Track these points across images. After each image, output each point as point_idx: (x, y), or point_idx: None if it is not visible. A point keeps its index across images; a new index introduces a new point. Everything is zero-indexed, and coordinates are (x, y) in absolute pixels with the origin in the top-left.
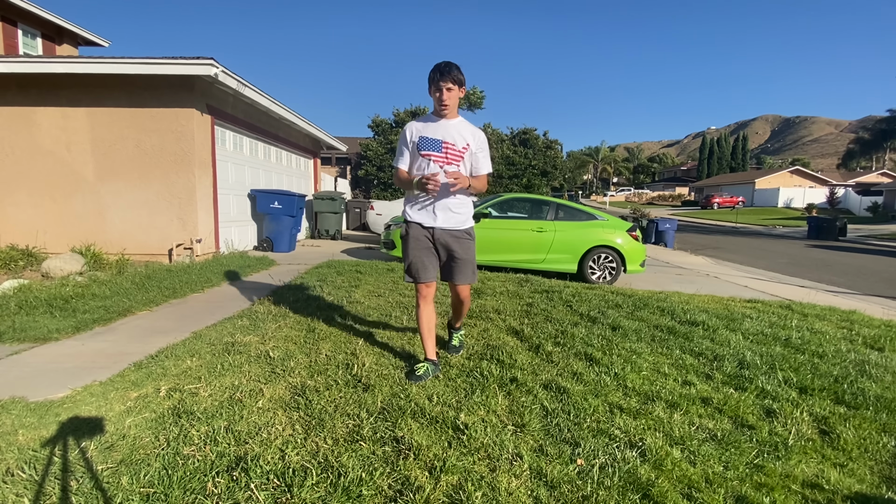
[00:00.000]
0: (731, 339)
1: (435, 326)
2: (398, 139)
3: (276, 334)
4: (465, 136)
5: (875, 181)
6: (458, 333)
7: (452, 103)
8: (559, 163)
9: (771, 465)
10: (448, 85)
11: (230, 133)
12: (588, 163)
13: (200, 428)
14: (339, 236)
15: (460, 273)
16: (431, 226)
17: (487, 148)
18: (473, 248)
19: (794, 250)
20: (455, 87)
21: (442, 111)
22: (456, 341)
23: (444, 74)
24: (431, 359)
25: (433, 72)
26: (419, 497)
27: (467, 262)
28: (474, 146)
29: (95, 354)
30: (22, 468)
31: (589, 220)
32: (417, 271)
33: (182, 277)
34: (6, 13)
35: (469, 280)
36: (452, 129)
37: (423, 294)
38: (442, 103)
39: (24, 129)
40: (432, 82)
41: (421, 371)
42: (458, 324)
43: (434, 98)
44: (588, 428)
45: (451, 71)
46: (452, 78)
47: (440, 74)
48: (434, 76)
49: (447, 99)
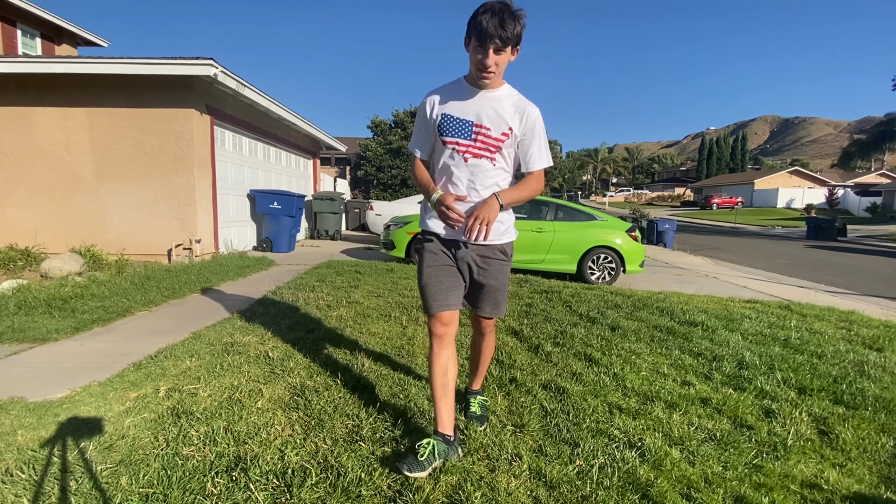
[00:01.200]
0: (731, 339)
1: (455, 382)
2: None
3: (276, 334)
4: (506, 117)
5: (874, 181)
6: (479, 398)
7: (499, 71)
8: (558, 163)
9: (770, 465)
10: (498, 44)
11: (229, 133)
12: (587, 163)
13: (200, 428)
14: (339, 237)
15: (485, 301)
16: (452, 238)
17: (543, 131)
18: (507, 271)
19: (793, 251)
20: (508, 48)
21: (482, 80)
22: (477, 407)
23: (500, 26)
24: (444, 433)
25: (480, 16)
26: (419, 497)
27: (496, 290)
28: (520, 129)
29: (94, 355)
30: (21, 468)
31: (588, 221)
32: (432, 296)
33: (181, 278)
34: (5, 13)
35: (495, 312)
36: (492, 105)
37: (439, 332)
38: (486, 70)
39: (23, 130)
40: (476, 34)
41: (424, 453)
42: (478, 383)
43: (473, 58)
44: (587, 428)
45: (508, 23)
46: (509, 33)
47: (491, 25)
48: (480, 24)
49: (493, 65)
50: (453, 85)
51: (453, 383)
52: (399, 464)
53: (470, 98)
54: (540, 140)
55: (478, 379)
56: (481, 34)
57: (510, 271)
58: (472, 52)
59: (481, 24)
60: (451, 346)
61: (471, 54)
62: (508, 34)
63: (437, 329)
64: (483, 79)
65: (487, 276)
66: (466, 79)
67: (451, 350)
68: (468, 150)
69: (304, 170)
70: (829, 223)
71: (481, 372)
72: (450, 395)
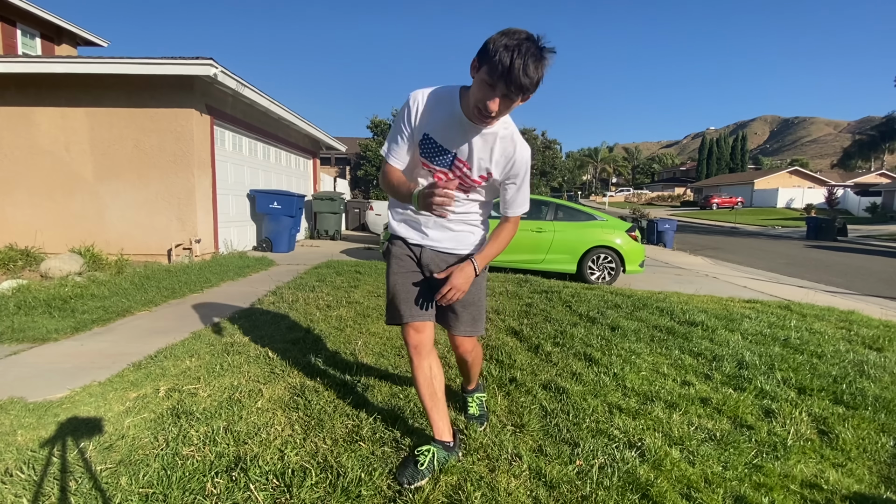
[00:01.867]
0: (730, 339)
1: (444, 387)
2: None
3: (276, 334)
4: (491, 160)
5: (874, 181)
6: (475, 396)
7: (501, 117)
8: (558, 163)
9: (770, 465)
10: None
11: (229, 133)
12: (587, 163)
13: (199, 428)
14: (339, 236)
15: (458, 319)
16: (418, 243)
17: (527, 177)
18: (483, 285)
19: (792, 251)
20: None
21: (479, 122)
22: (475, 408)
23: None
24: (442, 440)
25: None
26: (419, 497)
27: (472, 304)
28: (502, 175)
29: (94, 355)
30: (21, 468)
31: (588, 221)
32: (398, 306)
33: (181, 278)
34: (5, 13)
35: (472, 330)
36: (482, 143)
37: (414, 341)
38: (488, 115)
39: (23, 129)
40: (490, 68)
41: (424, 461)
42: (473, 385)
43: (477, 91)
44: (587, 428)
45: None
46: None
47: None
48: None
49: (498, 111)
50: (447, 100)
51: (442, 390)
52: (400, 476)
53: (458, 128)
54: (523, 185)
55: (472, 383)
56: (497, 74)
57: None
58: (478, 83)
59: (502, 62)
60: (431, 353)
61: (475, 85)
62: (528, 83)
63: (412, 339)
64: (481, 121)
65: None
66: (462, 103)
67: (433, 357)
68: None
69: (304, 170)
70: (829, 223)
71: (474, 378)
72: (441, 403)
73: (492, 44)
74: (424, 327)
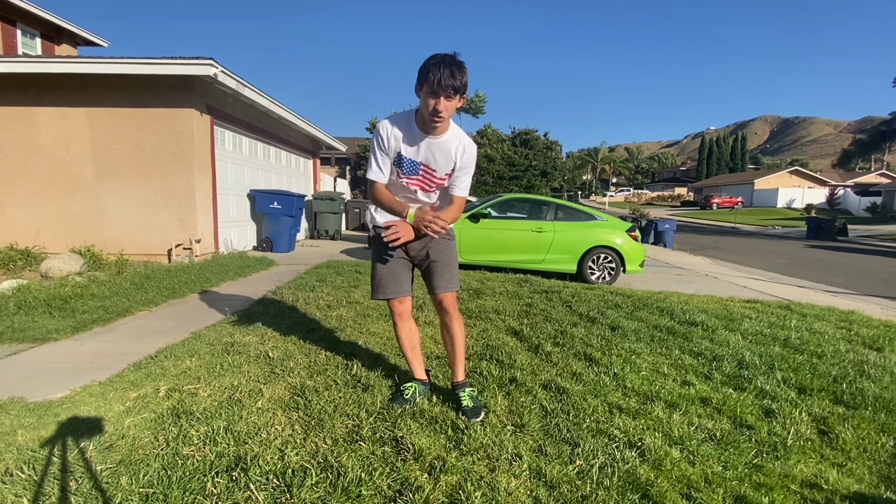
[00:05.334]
0: (730, 339)
1: (420, 343)
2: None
3: (276, 334)
4: (450, 159)
5: (874, 181)
6: (467, 390)
7: (448, 115)
8: (559, 163)
9: (770, 464)
10: (450, 93)
11: (229, 133)
12: (587, 163)
13: (200, 428)
14: (339, 236)
15: (438, 277)
16: None
17: (473, 165)
18: (453, 248)
19: (792, 250)
20: (457, 96)
21: (433, 125)
22: (467, 400)
23: (449, 77)
24: (420, 378)
25: (431, 68)
26: (419, 497)
27: (445, 265)
28: (458, 164)
29: (94, 355)
30: (21, 468)
31: (588, 221)
32: (386, 285)
33: (181, 277)
34: (5, 13)
35: (449, 286)
36: (439, 150)
37: (398, 311)
38: (437, 116)
39: (23, 129)
40: (427, 83)
41: (409, 393)
42: (461, 372)
43: (424, 104)
44: (587, 428)
45: (457, 74)
46: (458, 83)
47: (442, 77)
48: (432, 76)
49: (444, 111)
50: (406, 123)
51: (419, 343)
52: (392, 402)
53: (419, 143)
54: (469, 173)
55: (459, 366)
56: (433, 84)
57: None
58: (423, 98)
59: (435, 76)
60: (409, 318)
61: (422, 100)
62: (458, 83)
63: (396, 308)
64: (435, 123)
65: (435, 252)
66: (417, 122)
67: (410, 322)
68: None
69: (304, 170)
70: (829, 223)
71: (460, 358)
72: (418, 353)
73: (423, 67)
74: (406, 300)
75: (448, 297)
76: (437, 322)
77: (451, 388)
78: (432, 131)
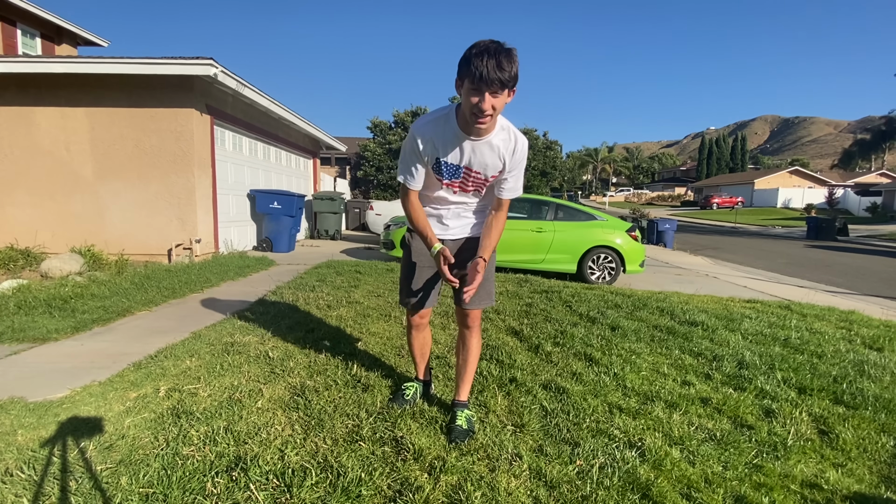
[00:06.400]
0: (731, 339)
1: (429, 348)
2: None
3: (276, 334)
4: (498, 159)
5: (874, 181)
6: (466, 412)
7: (496, 115)
8: (559, 163)
9: (770, 464)
10: (496, 89)
11: (229, 133)
12: (587, 163)
13: (200, 428)
14: (339, 236)
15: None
16: (440, 237)
17: (524, 163)
18: (493, 261)
19: (793, 250)
20: (505, 91)
21: (478, 125)
22: (462, 421)
23: (496, 70)
24: (423, 379)
25: (473, 59)
26: (418, 497)
27: (484, 282)
28: (509, 165)
29: (94, 355)
30: (21, 468)
31: (588, 221)
32: (414, 295)
33: (181, 277)
34: (5, 13)
35: (481, 302)
36: (485, 152)
37: (417, 322)
38: (482, 115)
39: (23, 129)
40: (469, 77)
41: (409, 392)
42: (465, 392)
43: (466, 102)
44: (587, 428)
45: (505, 65)
46: (507, 75)
47: (486, 69)
48: (474, 68)
49: (489, 109)
50: (444, 124)
51: (429, 349)
52: (392, 402)
53: (460, 144)
54: (521, 172)
55: (465, 385)
56: (476, 78)
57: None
58: (465, 95)
59: (477, 67)
60: (426, 328)
61: (464, 97)
62: (506, 76)
63: (415, 321)
64: (479, 124)
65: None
66: (458, 121)
67: (426, 330)
68: (457, 185)
69: (304, 170)
70: (830, 223)
71: (468, 377)
72: (425, 357)
73: (465, 58)
74: (427, 313)
75: (475, 313)
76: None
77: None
78: (476, 132)
